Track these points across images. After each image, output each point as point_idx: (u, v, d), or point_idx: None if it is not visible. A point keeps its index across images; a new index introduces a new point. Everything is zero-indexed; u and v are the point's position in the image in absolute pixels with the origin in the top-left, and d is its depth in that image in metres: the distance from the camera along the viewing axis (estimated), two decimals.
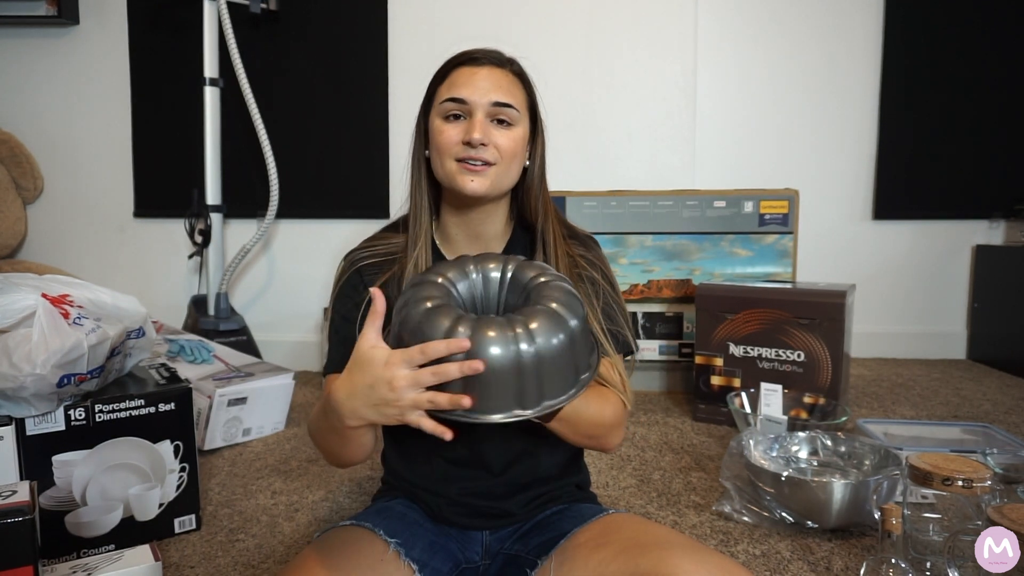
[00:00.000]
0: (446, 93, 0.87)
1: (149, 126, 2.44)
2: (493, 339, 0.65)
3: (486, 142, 0.84)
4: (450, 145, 0.85)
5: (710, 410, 1.82)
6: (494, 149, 0.85)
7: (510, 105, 0.86)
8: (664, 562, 0.71)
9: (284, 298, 2.48)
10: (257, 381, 1.71)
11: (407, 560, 0.81)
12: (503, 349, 0.65)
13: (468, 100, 0.85)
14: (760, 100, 2.41)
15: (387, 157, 2.42)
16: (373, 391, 0.66)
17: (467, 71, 0.87)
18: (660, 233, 2.12)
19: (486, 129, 0.85)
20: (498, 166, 0.86)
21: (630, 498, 1.34)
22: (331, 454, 0.86)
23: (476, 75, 0.86)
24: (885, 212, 2.44)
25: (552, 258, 0.90)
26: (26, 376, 0.96)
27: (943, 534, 1.02)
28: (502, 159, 0.86)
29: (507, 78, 0.88)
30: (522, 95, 0.89)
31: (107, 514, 1.12)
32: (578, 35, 2.38)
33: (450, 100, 0.86)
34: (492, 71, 0.87)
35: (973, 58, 2.37)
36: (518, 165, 0.89)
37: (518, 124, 0.87)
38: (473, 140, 0.83)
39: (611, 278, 0.94)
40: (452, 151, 0.85)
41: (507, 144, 0.86)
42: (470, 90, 0.85)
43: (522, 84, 0.90)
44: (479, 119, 0.84)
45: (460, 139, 0.85)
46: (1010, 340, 2.29)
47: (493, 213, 0.91)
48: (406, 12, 2.39)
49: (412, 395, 0.65)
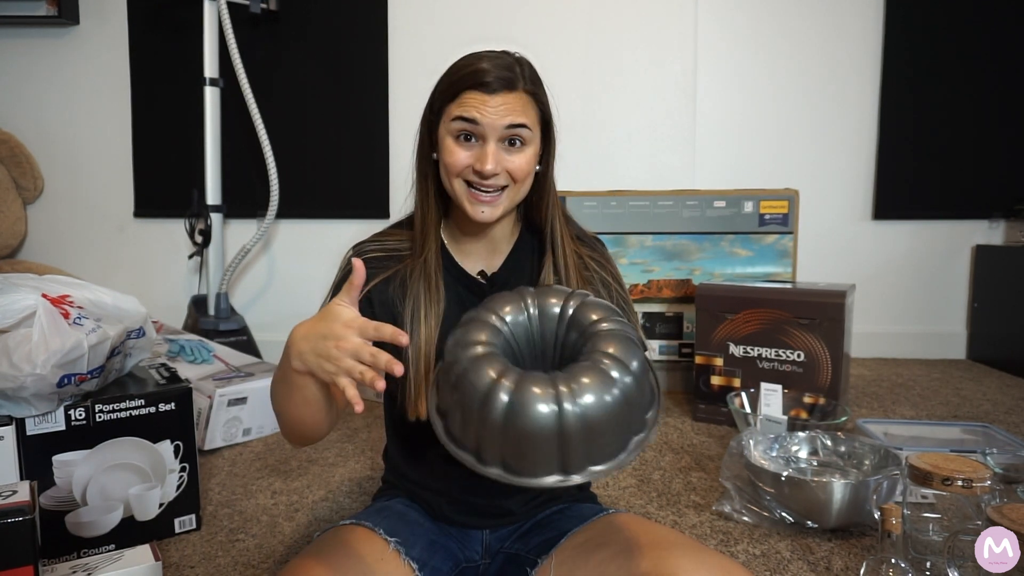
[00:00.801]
0: (457, 111, 0.83)
1: (149, 126, 2.44)
2: (537, 397, 0.61)
3: (498, 171, 0.83)
4: (460, 168, 0.84)
5: (710, 410, 1.82)
6: (506, 174, 0.84)
7: (523, 125, 0.84)
8: (664, 562, 0.71)
9: (284, 298, 2.48)
10: (257, 381, 1.71)
11: (407, 559, 0.81)
12: (546, 409, 0.61)
13: (481, 123, 0.82)
14: (760, 100, 2.41)
15: (387, 157, 2.42)
16: (323, 341, 0.71)
17: (481, 96, 0.82)
18: (660, 233, 2.12)
19: (498, 157, 0.83)
20: (510, 189, 0.85)
21: (630, 498, 1.34)
22: (284, 414, 0.83)
23: (490, 102, 0.82)
24: (885, 212, 2.44)
25: (561, 259, 0.90)
26: (26, 376, 0.96)
27: (943, 534, 1.02)
28: (514, 182, 0.85)
29: (520, 100, 0.84)
30: (535, 113, 0.86)
31: (107, 514, 1.12)
32: (578, 35, 2.39)
33: (461, 119, 0.83)
34: (506, 97, 0.83)
35: (973, 58, 2.37)
36: (530, 180, 0.88)
37: (530, 143, 0.85)
38: (486, 171, 0.82)
39: (620, 280, 0.94)
40: (462, 172, 0.84)
41: (519, 167, 0.84)
42: (483, 114, 0.82)
43: (535, 102, 0.87)
44: (491, 149, 0.82)
45: (471, 165, 0.83)
46: (1010, 340, 2.29)
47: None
48: (406, 12, 2.39)
49: (349, 362, 0.69)
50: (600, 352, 0.66)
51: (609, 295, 0.91)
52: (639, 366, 0.67)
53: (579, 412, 0.61)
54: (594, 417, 0.62)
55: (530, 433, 0.61)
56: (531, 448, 0.62)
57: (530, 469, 0.63)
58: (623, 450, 0.65)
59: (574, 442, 0.62)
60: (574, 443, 0.62)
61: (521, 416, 0.61)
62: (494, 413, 0.62)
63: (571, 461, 0.63)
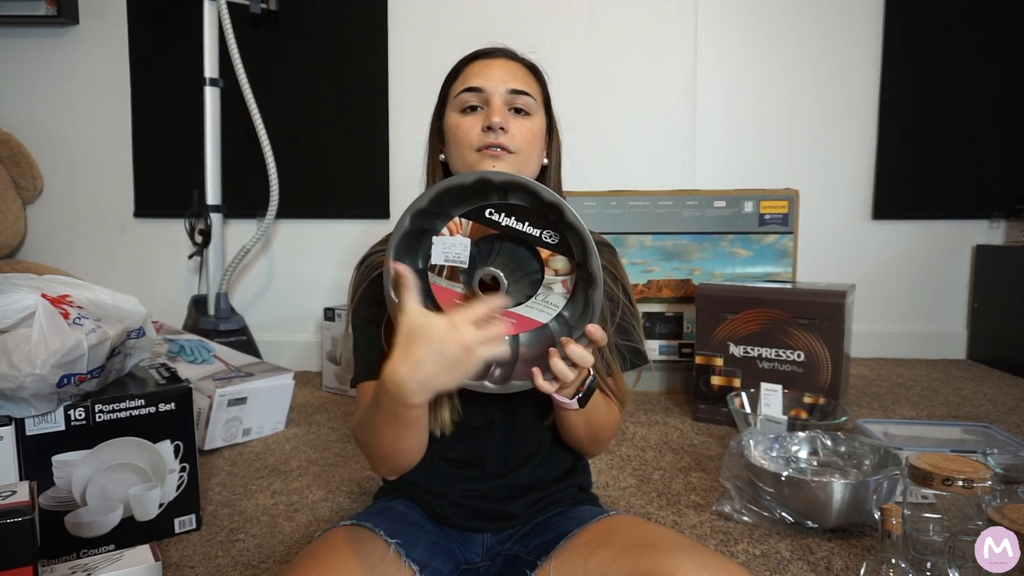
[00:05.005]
0: (461, 86, 0.87)
1: (149, 126, 2.44)
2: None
3: (505, 127, 0.84)
4: (470, 136, 0.84)
5: (710, 410, 1.82)
6: (513, 136, 0.85)
7: (527, 93, 0.86)
8: (664, 563, 0.71)
9: (284, 298, 2.48)
10: (257, 381, 1.71)
11: (408, 561, 0.81)
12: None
13: (485, 88, 0.85)
14: (760, 100, 2.41)
15: (387, 157, 2.42)
16: (444, 355, 0.65)
17: (481, 63, 0.87)
18: (660, 233, 2.12)
19: (505, 115, 0.84)
20: (518, 155, 0.85)
21: (630, 498, 1.34)
22: (388, 454, 0.80)
23: (490, 66, 0.86)
24: (885, 212, 2.44)
25: None
26: (26, 376, 0.95)
27: (943, 534, 1.02)
28: (521, 148, 0.85)
29: (521, 69, 0.88)
30: (537, 87, 0.89)
31: (107, 514, 1.12)
32: (578, 35, 2.39)
33: (466, 91, 0.86)
34: (506, 62, 0.88)
35: (973, 58, 2.37)
36: (537, 158, 0.89)
37: (535, 115, 0.87)
38: (493, 123, 0.83)
39: (628, 288, 0.94)
40: (472, 141, 0.84)
41: (525, 133, 0.85)
42: (485, 79, 0.85)
43: (536, 78, 0.90)
44: (497, 104, 0.84)
45: (479, 127, 0.84)
46: (1010, 340, 2.29)
47: None
48: (406, 12, 2.39)
49: (484, 349, 0.65)
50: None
51: (615, 309, 0.90)
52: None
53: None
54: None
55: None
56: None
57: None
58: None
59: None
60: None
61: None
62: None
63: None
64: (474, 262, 0.74)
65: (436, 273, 0.75)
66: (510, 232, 0.72)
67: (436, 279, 0.75)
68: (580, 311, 0.72)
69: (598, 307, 0.71)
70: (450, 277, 0.75)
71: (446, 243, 0.73)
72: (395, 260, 0.71)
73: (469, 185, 0.70)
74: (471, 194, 0.71)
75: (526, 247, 0.73)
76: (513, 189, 0.70)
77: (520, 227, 0.71)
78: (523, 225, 0.71)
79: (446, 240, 0.73)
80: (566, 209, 0.68)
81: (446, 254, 0.74)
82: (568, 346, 0.69)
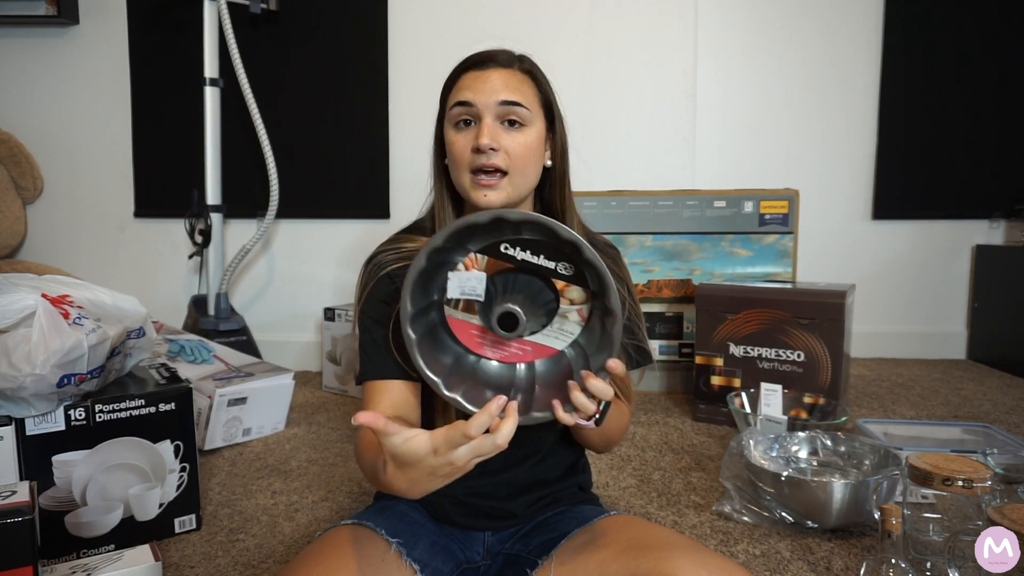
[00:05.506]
0: (454, 99, 0.85)
1: (149, 126, 2.44)
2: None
3: (495, 147, 0.82)
4: (463, 156, 0.84)
5: (710, 410, 1.82)
6: (505, 154, 0.83)
7: (519, 103, 0.83)
8: (664, 563, 0.71)
9: (284, 298, 2.48)
10: (257, 381, 1.71)
11: (408, 560, 0.81)
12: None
13: (474, 102, 0.83)
14: (760, 100, 2.41)
15: (387, 157, 2.42)
16: (435, 475, 0.64)
17: (473, 75, 0.85)
18: (660, 233, 2.12)
19: (495, 133, 0.82)
20: (512, 174, 0.84)
21: (630, 498, 1.34)
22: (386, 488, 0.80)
23: (480, 78, 0.84)
24: (885, 212, 2.44)
25: None
26: (26, 376, 0.95)
27: (943, 534, 1.02)
28: (514, 166, 0.84)
29: (515, 77, 0.85)
30: (533, 92, 0.86)
31: (107, 514, 1.12)
32: (578, 35, 2.39)
33: (457, 105, 0.84)
34: (499, 72, 0.85)
35: (973, 58, 2.37)
36: (534, 168, 0.87)
37: (531, 124, 0.85)
38: (481, 145, 0.81)
39: (632, 289, 0.94)
40: (465, 162, 0.84)
41: (518, 149, 0.83)
42: (475, 92, 0.83)
43: (533, 81, 0.87)
44: (487, 123, 0.83)
45: (470, 147, 0.83)
46: (1010, 340, 2.29)
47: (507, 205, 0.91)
48: (406, 12, 2.39)
49: (475, 460, 0.64)
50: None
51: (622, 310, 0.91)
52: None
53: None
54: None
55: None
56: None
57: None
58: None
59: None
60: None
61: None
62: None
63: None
64: (490, 296, 0.74)
65: (452, 306, 0.75)
66: (526, 266, 0.72)
67: (452, 312, 0.75)
68: (597, 339, 0.72)
69: (617, 341, 0.70)
70: (466, 309, 0.75)
71: (462, 278, 0.74)
72: (362, 411, 0.65)
73: (485, 224, 0.70)
74: (487, 231, 0.72)
75: (540, 277, 0.74)
76: (529, 225, 0.70)
77: (536, 260, 0.72)
78: (539, 258, 0.72)
79: (462, 275, 0.73)
80: (583, 247, 0.68)
81: (462, 288, 0.74)
82: (589, 380, 0.69)
